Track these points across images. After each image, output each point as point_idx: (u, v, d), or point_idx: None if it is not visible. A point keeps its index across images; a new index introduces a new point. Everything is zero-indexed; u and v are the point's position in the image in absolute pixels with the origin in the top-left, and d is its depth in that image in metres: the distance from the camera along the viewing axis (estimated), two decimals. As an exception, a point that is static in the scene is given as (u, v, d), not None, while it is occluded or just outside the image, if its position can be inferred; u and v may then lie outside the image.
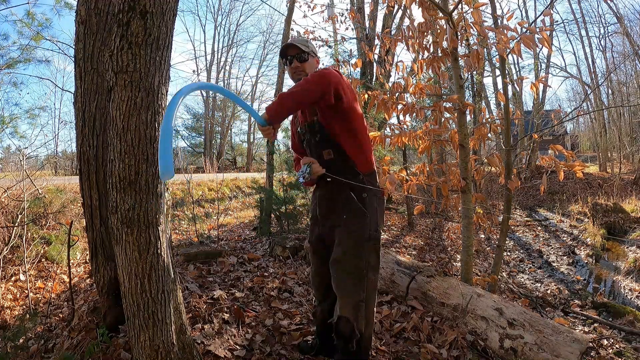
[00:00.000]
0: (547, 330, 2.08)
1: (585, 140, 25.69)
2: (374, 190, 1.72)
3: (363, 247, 1.65)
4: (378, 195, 1.74)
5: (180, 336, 1.65)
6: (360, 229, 1.66)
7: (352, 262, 1.64)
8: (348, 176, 1.66)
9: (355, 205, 1.66)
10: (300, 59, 1.73)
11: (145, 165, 1.39)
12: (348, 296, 1.65)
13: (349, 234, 1.66)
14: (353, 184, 1.66)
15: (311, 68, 1.76)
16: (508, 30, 2.43)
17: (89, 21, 1.86)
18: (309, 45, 1.77)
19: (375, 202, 1.72)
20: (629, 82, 16.28)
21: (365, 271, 1.65)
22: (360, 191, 1.67)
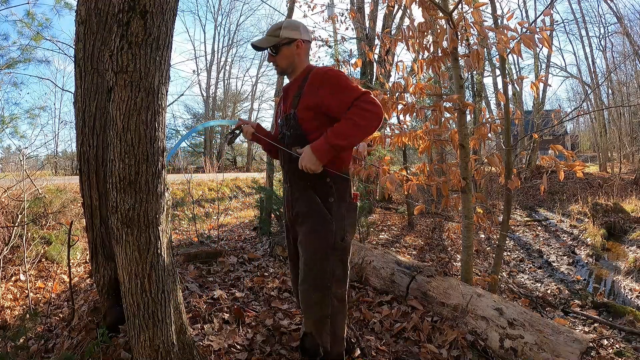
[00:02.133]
0: (548, 330, 2.09)
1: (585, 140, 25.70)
2: (344, 194, 1.55)
3: (327, 258, 1.49)
4: (348, 201, 1.57)
5: (180, 336, 1.65)
6: (324, 237, 1.49)
7: (314, 274, 1.50)
8: (313, 178, 1.50)
9: (320, 209, 1.50)
10: (270, 52, 1.61)
11: (145, 165, 1.38)
12: (311, 311, 1.53)
13: (312, 242, 1.51)
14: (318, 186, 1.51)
15: (288, 57, 1.60)
16: (508, 30, 2.42)
17: (89, 21, 1.86)
18: (279, 34, 1.58)
19: (344, 208, 1.55)
20: (629, 82, 16.28)
21: (329, 284, 1.49)
22: (326, 195, 1.51)
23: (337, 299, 1.53)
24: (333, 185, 1.51)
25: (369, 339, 2.21)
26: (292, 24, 1.60)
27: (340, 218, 1.52)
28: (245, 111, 27.00)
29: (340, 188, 1.54)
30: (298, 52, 1.60)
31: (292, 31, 1.58)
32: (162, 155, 1.47)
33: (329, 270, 1.49)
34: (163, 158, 1.47)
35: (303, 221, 1.54)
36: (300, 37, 1.59)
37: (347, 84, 1.46)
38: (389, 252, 3.21)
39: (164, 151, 1.49)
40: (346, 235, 1.54)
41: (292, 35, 1.58)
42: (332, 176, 1.51)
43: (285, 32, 1.57)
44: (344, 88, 1.46)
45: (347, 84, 1.46)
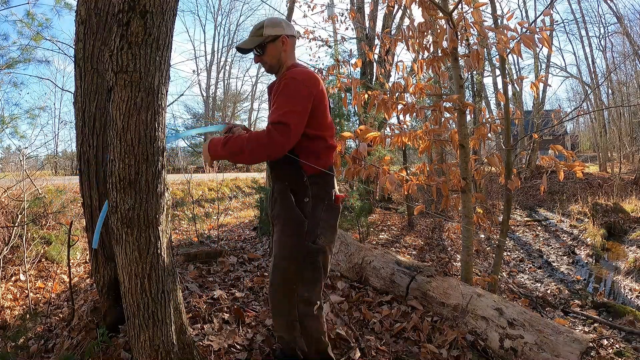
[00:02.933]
0: (547, 330, 2.08)
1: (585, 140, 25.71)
2: (323, 195, 1.49)
3: (294, 260, 1.45)
4: (326, 202, 1.50)
5: (180, 336, 1.65)
6: (294, 238, 1.45)
7: (280, 274, 1.47)
8: (290, 177, 1.49)
9: (293, 210, 1.46)
10: (256, 52, 1.59)
11: (145, 165, 1.38)
12: (278, 313, 1.50)
13: (282, 242, 1.48)
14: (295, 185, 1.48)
15: (274, 55, 1.58)
16: (508, 30, 2.42)
17: (89, 21, 1.86)
18: (262, 33, 1.56)
19: (321, 209, 1.49)
20: (629, 82, 16.29)
21: (294, 286, 1.45)
22: (302, 195, 1.47)
23: (303, 303, 1.47)
24: (309, 185, 1.47)
25: (369, 339, 2.21)
26: (274, 21, 1.58)
27: (315, 219, 1.47)
28: (245, 111, 27.02)
29: (318, 188, 1.49)
30: (284, 48, 1.58)
31: (275, 28, 1.57)
32: (162, 155, 1.47)
33: (295, 272, 1.45)
34: (163, 158, 1.47)
35: (278, 221, 1.52)
36: (284, 33, 1.57)
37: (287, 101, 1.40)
38: (389, 252, 3.21)
39: (164, 151, 1.49)
40: (320, 238, 1.47)
41: (276, 32, 1.56)
42: (309, 175, 1.48)
43: (269, 30, 1.56)
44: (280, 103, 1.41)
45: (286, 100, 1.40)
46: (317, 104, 1.47)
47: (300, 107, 1.40)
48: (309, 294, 1.48)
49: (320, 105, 1.49)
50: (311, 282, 1.48)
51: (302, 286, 1.46)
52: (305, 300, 1.48)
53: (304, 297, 1.47)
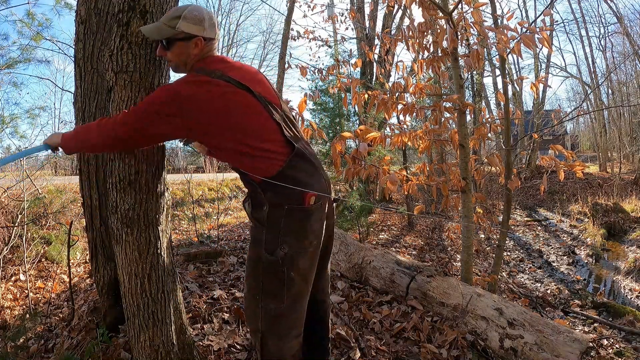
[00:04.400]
0: (547, 330, 2.09)
1: (585, 140, 25.71)
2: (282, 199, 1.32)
3: (257, 269, 1.36)
4: (286, 207, 1.32)
5: (180, 336, 1.65)
6: (255, 245, 1.37)
7: (248, 281, 1.40)
8: (247, 186, 1.41)
9: (253, 220, 1.40)
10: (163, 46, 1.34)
11: (145, 165, 1.39)
12: (247, 319, 1.47)
13: (248, 249, 1.44)
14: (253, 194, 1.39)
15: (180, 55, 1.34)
16: (508, 30, 2.43)
17: (89, 21, 1.86)
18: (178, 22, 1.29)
19: (280, 215, 1.32)
20: (629, 82, 16.29)
21: (258, 297, 1.35)
22: (259, 203, 1.35)
23: (268, 315, 1.35)
24: (262, 192, 1.33)
25: (369, 339, 2.21)
26: (194, 17, 1.30)
27: (273, 228, 1.32)
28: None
29: (275, 194, 1.32)
30: (195, 52, 1.34)
31: (193, 25, 1.30)
32: (162, 155, 1.47)
33: (258, 282, 1.35)
34: (163, 158, 1.47)
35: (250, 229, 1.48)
36: (202, 34, 1.32)
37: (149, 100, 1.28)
38: (388, 252, 3.21)
39: (164, 151, 1.49)
40: (281, 248, 1.31)
41: (192, 30, 1.30)
42: (260, 183, 1.33)
43: (184, 25, 1.29)
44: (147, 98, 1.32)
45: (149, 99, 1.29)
46: (200, 121, 1.27)
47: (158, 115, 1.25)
48: (275, 307, 1.35)
49: (208, 120, 1.27)
50: (276, 296, 1.34)
51: (265, 298, 1.34)
52: (270, 314, 1.35)
53: (270, 310, 1.35)
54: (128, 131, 1.27)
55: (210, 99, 1.26)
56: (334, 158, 2.47)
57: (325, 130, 6.06)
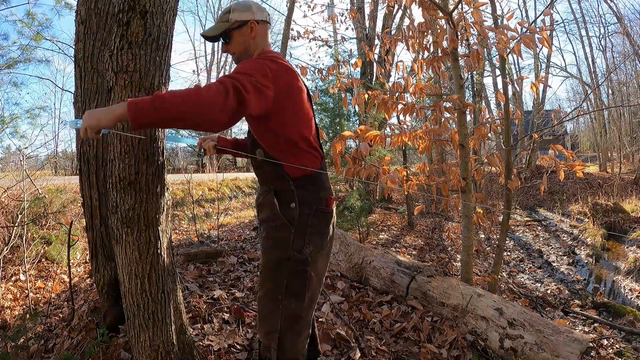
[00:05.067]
0: (547, 330, 2.09)
1: (585, 140, 25.71)
2: (311, 200, 1.36)
3: (280, 269, 1.34)
4: (315, 207, 1.37)
5: (180, 336, 1.65)
6: (279, 245, 1.35)
7: (267, 282, 1.38)
8: (274, 180, 1.38)
9: (278, 216, 1.35)
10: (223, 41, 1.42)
11: (145, 165, 1.39)
12: (262, 321, 1.41)
13: (267, 250, 1.39)
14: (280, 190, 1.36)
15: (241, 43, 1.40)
16: (508, 30, 2.42)
17: (89, 21, 1.86)
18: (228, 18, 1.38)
19: (308, 215, 1.35)
20: (629, 82, 16.29)
21: (280, 297, 1.34)
22: (288, 200, 1.35)
23: (288, 315, 1.35)
24: (295, 189, 1.35)
25: (369, 339, 2.21)
26: (242, 5, 1.40)
27: (302, 227, 1.34)
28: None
29: (306, 192, 1.36)
30: (252, 35, 1.39)
31: (243, 12, 1.38)
32: (162, 155, 1.47)
33: (282, 283, 1.34)
34: (163, 158, 1.47)
35: (264, 227, 1.42)
36: (253, 18, 1.39)
37: (242, 69, 1.21)
38: (389, 252, 3.21)
39: (164, 151, 1.49)
40: (307, 247, 1.34)
41: (243, 17, 1.38)
42: (295, 179, 1.35)
43: (236, 15, 1.38)
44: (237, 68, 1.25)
45: (242, 69, 1.22)
46: (287, 96, 1.29)
47: (259, 79, 1.19)
48: (297, 306, 1.36)
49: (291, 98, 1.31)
50: (299, 295, 1.36)
51: (288, 298, 1.34)
52: (291, 314, 1.36)
53: (290, 310, 1.35)
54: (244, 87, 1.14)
55: (289, 78, 1.30)
56: (334, 158, 2.47)
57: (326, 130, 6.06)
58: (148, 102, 1.03)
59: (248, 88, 1.14)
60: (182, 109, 1.05)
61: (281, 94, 1.26)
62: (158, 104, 1.03)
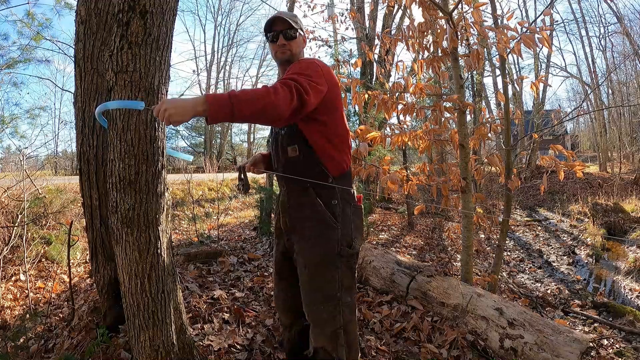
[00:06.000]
0: (547, 330, 2.08)
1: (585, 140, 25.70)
2: (348, 196, 1.43)
3: (333, 266, 1.37)
4: (352, 203, 1.45)
5: (180, 336, 1.65)
6: (328, 243, 1.37)
7: (321, 285, 1.37)
8: (314, 179, 1.39)
9: (323, 214, 1.37)
10: (287, 35, 1.46)
11: (145, 165, 1.39)
12: (322, 325, 1.39)
13: (315, 250, 1.38)
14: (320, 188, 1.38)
15: (298, 47, 1.50)
16: (508, 30, 2.43)
17: (89, 21, 1.86)
18: (297, 21, 1.52)
19: (350, 210, 1.42)
20: (629, 82, 16.29)
21: (338, 294, 1.37)
22: (329, 197, 1.39)
23: (348, 309, 1.40)
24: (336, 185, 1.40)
25: (369, 339, 2.21)
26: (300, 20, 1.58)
27: (346, 222, 1.40)
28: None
29: (344, 190, 1.42)
30: (303, 45, 1.55)
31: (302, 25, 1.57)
32: (162, 155, 1.47)
33: (337, 279, 1.37)
34: (163, 158, 1.47)
35: (303, 228, 1.40)
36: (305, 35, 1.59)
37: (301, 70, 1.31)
38: (389, 252, 3.21)
39: (164, 151, 1.49)
40: (354, 241, 1.41)
41: (302, 27, 1.56)
42: (336, 175, 1.41)
43: (301, 24, 1.54)
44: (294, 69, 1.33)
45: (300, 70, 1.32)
46: (334, 93, 1.40)
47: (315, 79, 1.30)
48: (352, 299, 1.42)
49: (336, 96, 1.42)
50: (351, 288, 1.43)
51: (345, 293, 1.39)
52: (349, 306, 1.41)
53: (348, 303, 1.40)
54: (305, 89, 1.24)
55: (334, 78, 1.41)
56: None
57: (325, 130, 6.08)
58: (227, 101, 1.10)
59: (307, 89, 1.24)
60: (254, 108, 1.13)
61: (331, 91, 1.37)
62: (235, 103, 1.10)
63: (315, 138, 1.39)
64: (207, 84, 23.84)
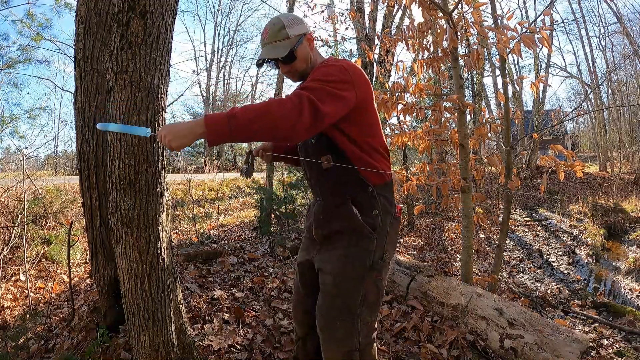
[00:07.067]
0: (547, 330, 2.09)
1: (585, 140, 25.70)
2: (389, 206, 1.32)
3: (362, 278, 1.26)
4: (392, 214, 1.33)
5: (180, 336, 1.65)
6: (362, 254, 1.27)
7: (343, 296, 1.26)
8: (352, 189, 1.29)
9: (360, 225, 1.27)
10: (285, 61, 1.30)
11: (145, 165, 1.39)
12: (335, 344, 1.27)
13: (346, 259, 1.27)
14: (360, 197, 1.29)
15: (305, 58, 1.32)
16: (508, 30, 2.43)
17: (89, 21, 1.86)
18: (286, 31, 1.27)
19: (388, 222, 1.31)
20: (629, 82, 16.29)
21: (359, 310, 1.26)
22: (370, 208, 1.28)
23: (366, 328, 1.29)
24: (377, 195, 1.29)
25: (369, 339, 2.20)
26: (292, 18, 1.32)
27: (383, 234, 1.29)
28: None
29: (385, 200, 1.31)
30: (311, 47, 1.34)
31: (297, 26, 1.31)
32: (162, 155, 1.47)
33: (360, 294, 1.26)
34: (163, 158, 1.47)
35: (337, 239, 1.30)
36: (307, 30, 1.33)
37: (320, 75, 1.17)
38: (389, 252, 3.21)
39: (164, 151, 1.49)
40: (386, 254, 1.30)
41: (300, 30, 1.31)
42: (375, 186, 1.29)
43: (293, 30, 1.29)
44: (314, 76, 1.20)
45: (319, 75, 1.17)
46: (365, 98, 1.24)
47: (335, 89, 1.14)
48: (372, 319, 1.31)
49: (369, 100, 1.27)
50: (375, 306, 1.31)
51: (366, 309, 1.27)
52: (368, 326, 1.30)
53: (367, 322, 1.29)
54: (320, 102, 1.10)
55: (366, 81, 1.25)
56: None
57: (325, 130, 6.08)
58: (225, 123, 1.03)
59: (325, 99, 1.11)
60: (255, 127, 1.03)
61: (361, 96, 1.22)
62: (233, 125, 1.02)
63: (349, 146, 1.26)
64: (207, 84, 23.86)
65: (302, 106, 1.06)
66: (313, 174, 1.37)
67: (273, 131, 1.06)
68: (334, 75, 1.17)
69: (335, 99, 1.13)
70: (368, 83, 1.26)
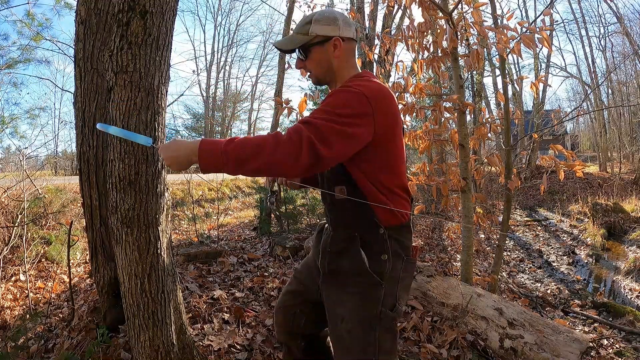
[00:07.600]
0: (547, 330, 2.09)
1: (585, 140, 25.70)
2: (401, 250, 1.18)
3: (372, 328, 1.16)
4: (404, 259, 1.19)
5: (180, 336, 1.65)
6: (368, 303, 1.16)
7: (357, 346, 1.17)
8: (361, 226, 1.17)
9: (366, 271, 1.14)
10: (300, 55, 1.22)
11: (145, 165, 1.39)
12: None
13: (353, 307, 1.17)
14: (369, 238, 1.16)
15: (321, 62, 1.20)
16: (508, 30, 2.43)
17: (89, 21, 1.86)
18: (309, 27, 1.18)
19: (400, 267, 1.18)
20: (629, 82, 16.30)
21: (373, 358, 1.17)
22: (379, 251, 1.15)
23: None
24: (388, 238, 1.16)
25: (369, 339, 2.20)
26: (327, 17, 1.18)
27: (393, 281, 1.17)
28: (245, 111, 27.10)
29: (397, 243, 1.18)
30: (337, 54, 1.18)
31: (327, 26, 1.17)
32: (162, 155, 1.47)
33: (374, 343, 1.16)
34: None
35: (342, 282, 1.20)
36: (338, 34, 1.17)
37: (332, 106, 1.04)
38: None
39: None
40: (398, 303, 1.19)
41: (326, 31, 1.16)
42: (387, 227, 1.16)
43: (317, 28, 1.16)
44: (326, 102, 1.08)
45: (332, 105, 1.05)
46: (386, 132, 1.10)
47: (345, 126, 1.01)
48: None
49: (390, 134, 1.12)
50: (390, 352, 1.20)
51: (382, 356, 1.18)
52: None
53: None
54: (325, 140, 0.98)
55: (390, 109, 1.11)
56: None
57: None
58: (218, 155, 0.98)
59: (329, 139, 0.99)
60: (248, 167, 0.98)
61: (381, 131, 1.08)
62: (226, 159, 0.97)
63: (364, 182, 1.14)
64: (207, 84, 23.89)
65: (300, 149, 0.96)
66: (326, 202, 1.28)
67: (267, 172, 1.00)
68: (349, 107, 1.03)
69: (343, 139, 1.01)
70: (394, 114, 1.12)
